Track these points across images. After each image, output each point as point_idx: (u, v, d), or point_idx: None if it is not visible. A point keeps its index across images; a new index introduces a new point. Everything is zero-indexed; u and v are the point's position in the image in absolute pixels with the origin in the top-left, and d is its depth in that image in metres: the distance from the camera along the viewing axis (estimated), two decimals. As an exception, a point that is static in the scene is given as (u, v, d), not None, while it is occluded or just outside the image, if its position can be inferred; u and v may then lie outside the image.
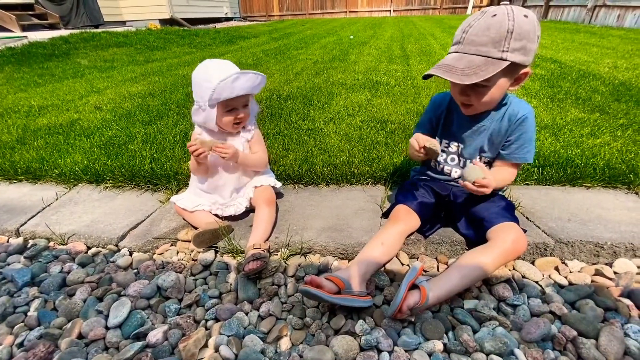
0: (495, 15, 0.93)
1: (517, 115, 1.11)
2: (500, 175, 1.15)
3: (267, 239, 1.26)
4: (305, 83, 3.43)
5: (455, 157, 1.25)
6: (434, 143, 1.11)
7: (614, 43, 5.23)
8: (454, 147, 1.24)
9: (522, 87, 3.02)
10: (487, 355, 0.89)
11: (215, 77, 1.14)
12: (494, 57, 0.94)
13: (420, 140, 1.11)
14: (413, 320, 0.99)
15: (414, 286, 1.00)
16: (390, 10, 16.35)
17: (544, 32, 7.05)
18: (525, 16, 0.93)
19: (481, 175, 1.04)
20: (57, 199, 1.60)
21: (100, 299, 1.09)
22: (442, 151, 1.26)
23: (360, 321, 0.97)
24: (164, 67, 4.57)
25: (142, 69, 4.53)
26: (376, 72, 3.81)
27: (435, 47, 5.50)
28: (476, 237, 1.16)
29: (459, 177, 1.11)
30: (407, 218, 1.21)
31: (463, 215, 1.23)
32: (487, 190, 1.05)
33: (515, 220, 1.13)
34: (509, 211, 1.17)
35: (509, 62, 0.94)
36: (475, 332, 0.96)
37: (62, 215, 1.47)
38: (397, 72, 3.83)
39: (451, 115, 1.22)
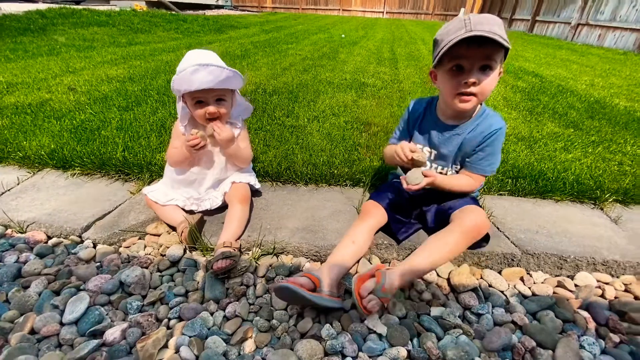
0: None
1: (491, 128, 1.13)
2: (461, 181, 1.20)
3: (238, 238, 1.23)
4: (292, 79, 3.39)
5: (428, 163, 1.26)
6: (421, 155, 1.09)
7: (593, 61, 5.44)
8: (426, 152, 1.25)
9: (503, 99, 3.09)
10: (449, 363, 0.90)
11: (181, 69, 1.11)
12: (503, 37, 0.96)
13: (406, 151, 1.09)
14: (383, 322, 0.99)
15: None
16: (383, 12, 16.42)
17: (528, 46, 7.25)
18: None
19: (420, 180, 1.09)
20: (18, 184, 1.51)
21: (57, 293, 1.04)
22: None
23: (327, 325, 0.97)
24: (147, 52, 4.42)
25: (124, 51, 4.36)
26: (364, 73, 3.82)
27: (424, 52, 5.56)
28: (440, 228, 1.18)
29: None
30: (374, 212, 1.23)
31: (432, 210, 1.27)
32: (424, 183, 1.09)
33: (479, 206, 1.20)
34: (474, 201, 1.23)
35: (509, 47, 0.97)
36: (439, 339, 0.97)
37: (22, 202, 1.39)
38: (384, 74, 3.85)
39: (427, 121, 1.24)
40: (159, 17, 7.32)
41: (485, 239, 1.19)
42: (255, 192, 1.47)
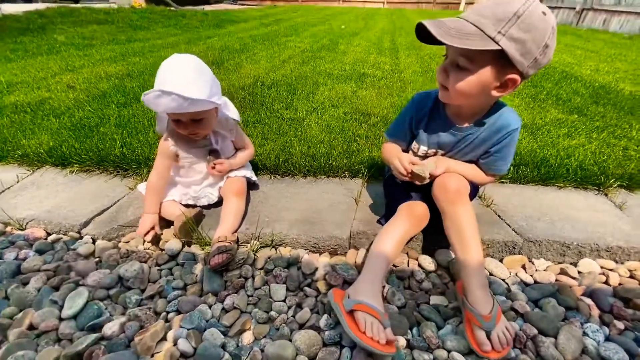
0: None
1: (509, 127, 1.02)
2: (471, 171, 1.12)
3: (235, 231, 1.23)
4: (291, 71, 3.36)
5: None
6: (421, 169, 1.01)
7: (598, 46, 5.32)
8: (431, 153, 1.16)
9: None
10: (449, 352, 0.89)
11: (155, 82, 1.06)
12: (487, 34, 0.82)
13: (406, 164, 1.02)
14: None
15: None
16: (383, 2, 16.21)
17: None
18: (544, 13, 0.81)
19: (433, 167, 1.04)
20: (17, 182, 1.51)
21: (56, 288, 1.04)
22: (422, 157, 1.16)
23: (325, 316, 0.96)
24: (145, 48, 4.40)
25: (123, 48, 4.35)
26: (364, 64, 3.77)
27: (425, 42, 5.48)
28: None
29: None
30: (425, 221, 1.12)
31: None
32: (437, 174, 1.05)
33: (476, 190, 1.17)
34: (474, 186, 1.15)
35: (498, 48, 0.81)
36: (439, 328, 0.97)
37: (22, 199, 1.39)
38: (385, 64, 3.80)
39: (435, 121, 1.11)
40: (157, 13, 7.27)
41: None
42: (252, 185, 1.46)
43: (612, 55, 4.55)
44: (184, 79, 1.04)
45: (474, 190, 1.18)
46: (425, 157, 1.16)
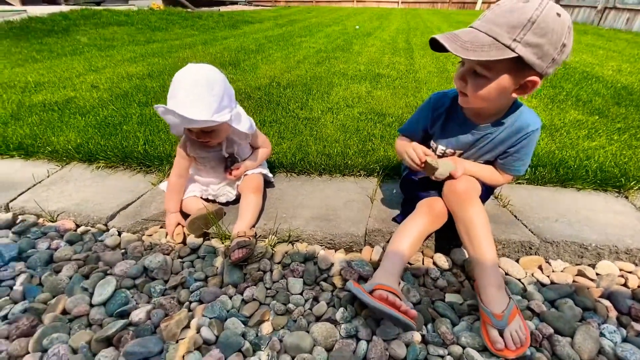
0: (528, 1, 0.82)
1: (528, 128, 1.02)
2: (486, 172, 1.13)
3: (253, 226, 1.26)
4: (306, 71, 3.40)
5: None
6: (434, 161, 1.03)
7: (621, 46, 5.18)
8: (449, 153, 1.17)
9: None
10: (464, 348, 0.90)
11: (168, 93, 1.10)
12: (502, 43, 0.82)
13: (420, 153, 1.04)
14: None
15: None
16: (398, 2, 16.13)
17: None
18: (558, 14, 0.81)
19: (453, 167, 1.05)
20: (48, 177, 1.59)
21: (86, 277, 1.10)
22: (439, 156, 1.18)
23: (341, 309, 0.99)
24: (164, 49, 4.51)
25: (142, 49, 4.47)
26: (379, 64, 3.78)
27: (440, 42, 5.44)
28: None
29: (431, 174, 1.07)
30: (444, 218, 1.13)
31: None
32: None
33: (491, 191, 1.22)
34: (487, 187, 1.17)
35: (515, 55, 0.82)
36: (454, 325, 0.98)
37: (52, 193, 1.47)
38: (400, 64, 3.79)
39: (452, 120, 1.12)
40: (175, 15, 7.44)
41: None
42: (268, 184, 1.50)
43: (636, 55, 4.43)
44: (190, 95, 1.06)
45: (488, 191, 1.19)
46: (442, 156, 1.17)
